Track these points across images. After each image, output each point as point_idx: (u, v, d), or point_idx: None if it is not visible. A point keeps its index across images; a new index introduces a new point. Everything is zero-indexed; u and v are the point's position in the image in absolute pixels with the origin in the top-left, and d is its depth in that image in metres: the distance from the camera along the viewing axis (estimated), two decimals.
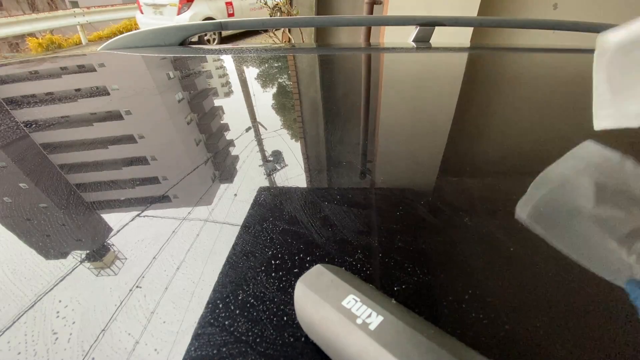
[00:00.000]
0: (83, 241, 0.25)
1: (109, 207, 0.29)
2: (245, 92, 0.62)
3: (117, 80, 0.68)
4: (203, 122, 0.48)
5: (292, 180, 0.32)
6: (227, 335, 0.18)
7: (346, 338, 0.14)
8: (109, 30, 8.83)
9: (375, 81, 0.66)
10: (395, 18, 1.05)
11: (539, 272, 0.21)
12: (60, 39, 7.68)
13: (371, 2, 2.10)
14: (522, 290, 0.20)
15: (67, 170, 0.35)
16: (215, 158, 0.37)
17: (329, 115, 0.48)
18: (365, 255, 0.23)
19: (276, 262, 0.22)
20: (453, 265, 0.22)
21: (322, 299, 0.16)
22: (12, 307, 0.19)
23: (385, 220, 0.26)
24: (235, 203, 0.29)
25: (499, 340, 0.17)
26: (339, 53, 0.94)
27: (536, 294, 0.20)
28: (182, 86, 0.64)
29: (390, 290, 0.20)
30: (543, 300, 0.19)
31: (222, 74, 0.75)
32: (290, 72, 0.76)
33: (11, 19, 6.95)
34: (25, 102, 0.56)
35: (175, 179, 0.33)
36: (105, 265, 0.23)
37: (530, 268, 0.22)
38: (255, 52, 0.90)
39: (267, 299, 0.20)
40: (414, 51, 0.90)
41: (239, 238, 0.24)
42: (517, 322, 0.18)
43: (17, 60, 0.86)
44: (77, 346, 0.17)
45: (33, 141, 0.42)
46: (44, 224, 0.27)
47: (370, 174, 0.33)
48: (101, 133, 0.45)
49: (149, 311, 0.19)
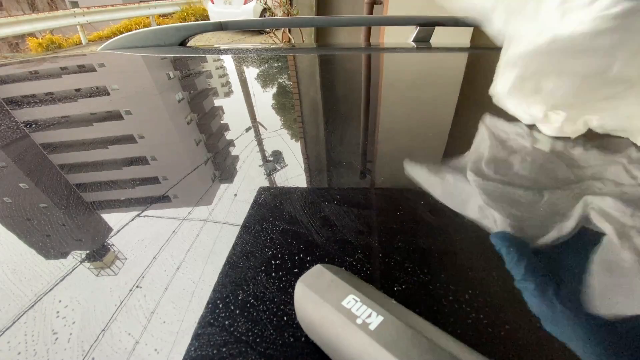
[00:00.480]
0: (83, 241, 0.25)
1: (109, 207, 0.29)
2: (245, 92, 0.62)
3: (117, 80, 0.68)
4: (203, 122, 0.48)
5: (292, 180, 0.32)
6: (227, 335, 0.18)
7: (346, 338, 0.14)
8: (109, 30, 8.82)
9: (375, 81, 0.66)
10: (395, 18, 1.05)
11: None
12: (60, 39, 7.68)
13: (371, 2, 2.10)
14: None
15: (67, 170, 0.35)
16: (215, 158, 0.37)
17: (329, 115, 0.48)
18: (365, 255, 0.23)
19: (276, 262, 0.22)
20: (453, 265, 0.22)
21: (322, 299, 0.16)
22: (12, 307, 0.19)
23: (385, 220, 0.26)
24: (235, 203, 0.29)
25: (499, 340, 0.17)
26: (339, 53, 0.94)
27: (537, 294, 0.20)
28: (182, 86, 0.64)
29: (390, 290, 0.20)
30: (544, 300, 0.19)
31: (222, 74, 0.75)
32: (290, 72, 0.75)
33: (11, 19, 6.94)
34: (25, 102, 0.56)
35: (175, 179, 0.33)
36: (105, 265, 0.23)
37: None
38: (255, 52, 0.90)
39: (267, 299, 0.20)
40: (414, 51, 0.90)
41: (239, 238, 0.24)
42: (518, 322, 0.18)
43: (17, 60, 0.86)
44: (77, 346, 0.17)
45: (33, 141, 0.42)
46: (44, 224, 0.27)
47: (370, 174, 0.33)
48: (101, 133, 0.45)
49: (149, 311, 0.19)
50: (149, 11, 10.20)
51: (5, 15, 8.65)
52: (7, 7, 11.87)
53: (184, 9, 11.25)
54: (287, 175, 0.33)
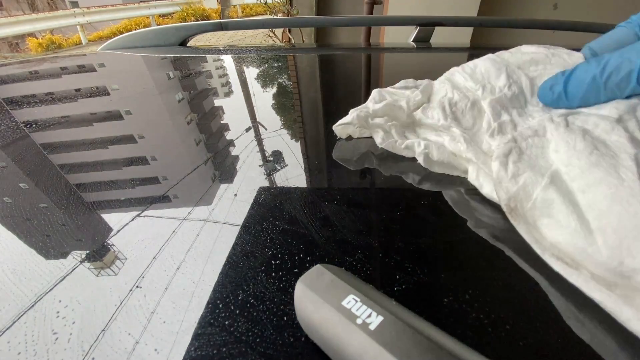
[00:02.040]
0: (83, 241, 0.25)
1: (109, 207, 0.29)
2: (245, 92, 0.62)
3: (117, 80, 0.68)
4: (203, 122, 0.48)
5: (292, 180, 0.32)
6: (227, 335, 0.18)
7: (346, 338, 0.14)
8: (109, 30, 8.83)
9: (376, 81, 0.66)
10: (395, 18, 1.05)
11: (540, 271, 0.21)
12: (60, 39, 7.68)
13: (371, 2, 2.09)
14: (523, 290, 0.20)
15: (67, 170, 0.35)
16: (215, 158, 0.37)
17: (329, 115, 0.48)
18: (365, 255, 0.23)
19: (276, 262, 0.22)
20: (453, 265, 0.22)
21: (322, 299, 0.16)
22: (12, 307, 0.19)
23: (385, 220, 0.26)
24: (235, 203, 0.29)
25: (499, 340, 0.17)
26: (339, 53, 0.94)
27: (537, 294, 0.20)
28: (182, 86, 0.64)
29: (390, 290, 0.20)
30: (544, 300, 0.19)
31: (222, 74, 0.75)
32: (290, 72, 0.76)
33: (11, 19, 6.95)
34: (25, 102, 0.56)
35: (175, 179, 0.33)
36: (105, 265, 0.23)
37: (532, 268, 0.22)
38: (255, 52, 0.90)
39: (267, 299, 0.20)
40: (414, 51, 0.90)
41: (239, 238, 0.24)
42: (518, 322, 0.18)
43: (17, 60, 0.86)
44: (77, 346, 0.17)
45: (33, 141, 0.42)
46: (44, 224, 0.27)
47: (370, 174, 0.33)
48: (101, 133, 0.45)
49: (149, 311, 0.19)
50: (149, 11, 10.21)
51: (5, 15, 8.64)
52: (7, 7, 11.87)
53: (184, 9, 11.27)
54: (287, 175, 0.33)
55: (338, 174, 0.33)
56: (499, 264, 0.22)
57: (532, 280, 0.21)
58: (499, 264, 0.22)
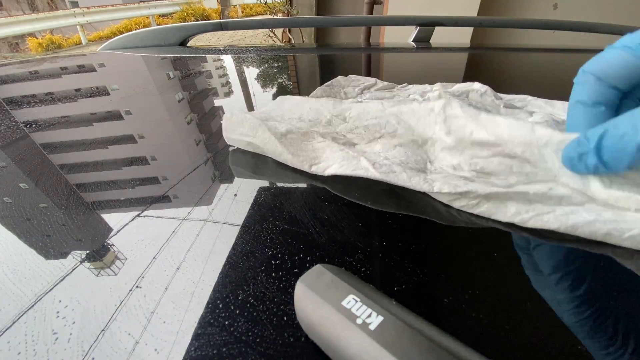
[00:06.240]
0: (83, 241, 0.25)
1: (109, 207, 0.29)
2: (245, 92, 0.62)
3: (117, 80, 0.68)
4: (203, 122, 0.48)
5: (292, 180, 0.32)
6: (227, 335, 0.18)
7: (346, 338, 0.14)
8: (109, 30, 8.83)
9: None
10: (395, 18, 1.05)
11: (541, 271, 0.21)
12: (60, 39, 7.68)
13: (371, 2, 2.10)
14: (522, 290, 0.20)
15: (67, 170, 0.35)
16: (215, 158, 0.37)
17: None
18: (365, 255, 0.23)
19: (276, 262, 0.22)
20: (453, 265, 0.22)
21: (322, 299, 0.16)
22: (12, 307, 0.19)
23: (385, 220, 0.26)
24: (235, 203, 0.29)
25: (499, 340, 0.17)
26: (339, 53, 0.94)
27: (537, 294, 0.20)
28: (182, 86, 0.64)
29: (390, 290, 0.20)
30: (544, 300, 0.19)
31: (222, 74, 0.75)
32: (290, 72, 0.76)
33: (11, 19, 6.95)
34: (25, 102, 0.56)
35: (175, 179, 0.33)
36: (105, 265, 0.23)
37: (532, 267, 0.22)
38: (255, 52, 0.90)
39: (267, 299, 0.20)
40: (414, 51, 0.90)
41: (239, 238, 0.24)
42: (518, 322, 0.18)
43: (17, 60, 0.86)
44: (77, 346, 0.17)
45: (33, 141, 0.42)
46: (44, 224, 0.27)
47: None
48: (101, 133, 0.45)
49: (149, 311, 0.19)
50: (149, 11, 10.21)
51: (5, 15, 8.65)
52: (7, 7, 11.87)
53: (184, 9, 11.27)
54: (287, 175, 0.33)
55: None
56: (499, 264, 0.22)
57: (532, 280, 0.21)
58: (499, 264, 0.22)
